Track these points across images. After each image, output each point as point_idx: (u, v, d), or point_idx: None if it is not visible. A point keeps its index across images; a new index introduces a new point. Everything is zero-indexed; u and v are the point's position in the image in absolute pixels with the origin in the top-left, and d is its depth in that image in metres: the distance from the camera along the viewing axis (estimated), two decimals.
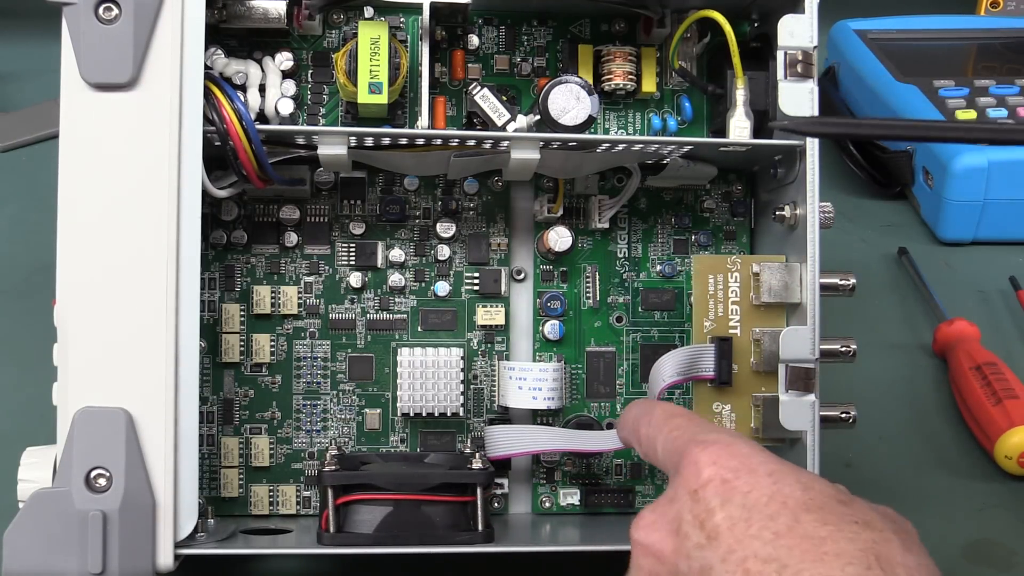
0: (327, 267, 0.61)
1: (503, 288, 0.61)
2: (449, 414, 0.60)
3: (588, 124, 0.57)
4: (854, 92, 0.89)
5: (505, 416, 0.61)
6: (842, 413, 0.57)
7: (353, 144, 0.55)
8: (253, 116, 0.54)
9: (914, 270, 0.79)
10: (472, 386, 0.61)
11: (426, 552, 0.52)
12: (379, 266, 0.61)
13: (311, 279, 0.60)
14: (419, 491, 0.53)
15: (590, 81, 0.59)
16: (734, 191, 0.63)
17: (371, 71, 0.56)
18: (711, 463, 0.42)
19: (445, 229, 0.61)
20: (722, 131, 0.58)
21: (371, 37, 0.56)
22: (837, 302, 0.57)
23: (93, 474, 0.49)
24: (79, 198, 0.50)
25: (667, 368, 0.56)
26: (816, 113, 0.54)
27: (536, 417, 0.61)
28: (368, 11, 0.60)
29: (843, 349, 0.57)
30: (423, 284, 0.61)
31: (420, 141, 0.56)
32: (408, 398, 0.59)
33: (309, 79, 0.60)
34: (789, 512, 0.39)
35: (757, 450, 0.42)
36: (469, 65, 0.61)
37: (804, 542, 0.37)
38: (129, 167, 0.50)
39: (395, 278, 0.61)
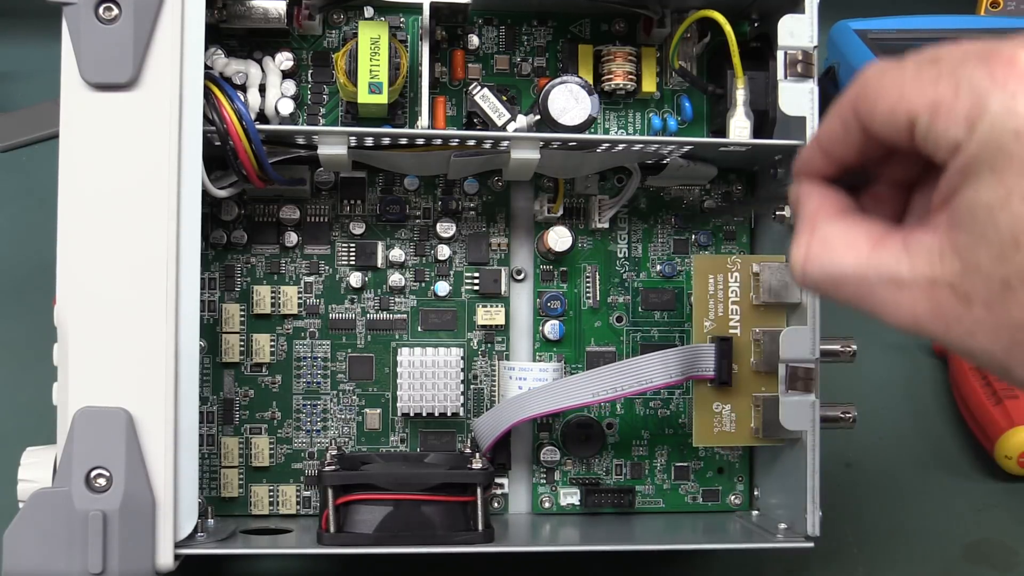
0: (327, 267, 0.61)
1: (503, 288, 0.61)
2: (449, 414, 0.60)
3: (588, 124, 0.57)
4: None
5: None
6: (842, 413, 0.57)
7: (353, 144, 0.55)
8: (253, 116, 0.54)
9: None
10: (472, 386, 0.61)
11: (426, 552, 0.52)
12: (379, 266, 0.61)
13: (311, 279, 0.60)
14: (419, 491, 0.53)
15: (590, 81, 0.59)
16: (734, 191, 0.63)
17: (371, 71, 0.56)
18: None
19: (445, 229, 0.61)
20: (722, 131, 0.58)
21: (371, 37, 0.56)
22: None
23: (93, 474, 0.49)
24: (79, 198, 0.49)
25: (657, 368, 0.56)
26: (815, 113, 0.54)
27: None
28: (368, 11, 0.60)
29: (843, 349, 0.57)
30: (423, 284, 0.61)
31: (420, 141, 0.56)
32: (408, 398, 0.59)
33: (309, 79, 0.60)
34: None
35: None
36: (469, 65, 0.61)
37: None
38: (129, 167, 0.50)
39: (395, 278, 0.61)
